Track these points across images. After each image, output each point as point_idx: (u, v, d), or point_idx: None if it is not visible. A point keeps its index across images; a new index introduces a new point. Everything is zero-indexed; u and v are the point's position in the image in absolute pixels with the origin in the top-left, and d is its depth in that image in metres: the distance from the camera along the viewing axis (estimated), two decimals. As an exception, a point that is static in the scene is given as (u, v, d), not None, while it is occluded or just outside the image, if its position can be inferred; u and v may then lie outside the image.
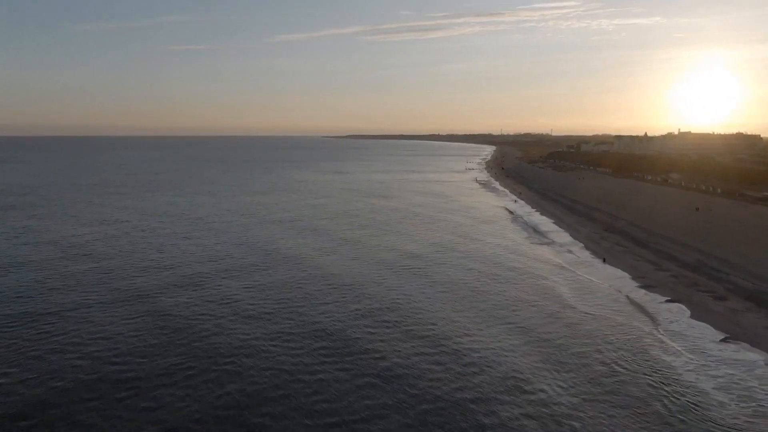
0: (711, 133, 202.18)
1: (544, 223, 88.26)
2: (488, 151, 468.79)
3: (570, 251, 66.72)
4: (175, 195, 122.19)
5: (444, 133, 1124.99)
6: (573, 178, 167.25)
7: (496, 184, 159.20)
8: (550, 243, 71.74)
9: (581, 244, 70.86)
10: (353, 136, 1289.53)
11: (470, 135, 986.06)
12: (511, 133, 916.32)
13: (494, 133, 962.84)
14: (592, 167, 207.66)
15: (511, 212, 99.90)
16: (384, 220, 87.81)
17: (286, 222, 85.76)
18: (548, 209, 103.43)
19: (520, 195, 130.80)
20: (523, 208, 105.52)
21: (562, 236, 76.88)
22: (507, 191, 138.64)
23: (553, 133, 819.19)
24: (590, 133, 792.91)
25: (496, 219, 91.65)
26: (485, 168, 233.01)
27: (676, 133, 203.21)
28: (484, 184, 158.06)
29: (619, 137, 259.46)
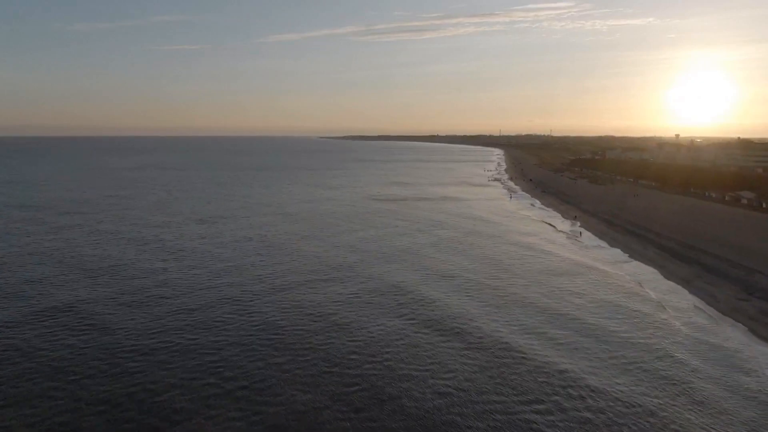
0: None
1: (651, 278, 65.42)
2: (497, 154, 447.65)
3: (744, 345, 43.93)
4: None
5: (443, 134, 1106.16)
6: (623, 195, 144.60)
7: (537, 203, 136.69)
8: (691, 325, 48.70)
9: (743, 327, 48.16)
10: (351, 136, 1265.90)
11: (470, 136, 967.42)
12: (512, 134, 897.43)
13: (494, 134, 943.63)
14: (632, 179, 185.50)
15: (592, 255, 77.30)
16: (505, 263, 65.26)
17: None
18: (634, 248, 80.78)
19: (575, 219, 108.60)
20: (601, 247, 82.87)
21: (695, 306, 54.18)
22: (559, 215, 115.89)
23: (553, 134, 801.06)
24: (590, 134, 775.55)
25: (586, 270, 68.53)
26: (509, 179, 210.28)
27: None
28: (524, 203, 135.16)
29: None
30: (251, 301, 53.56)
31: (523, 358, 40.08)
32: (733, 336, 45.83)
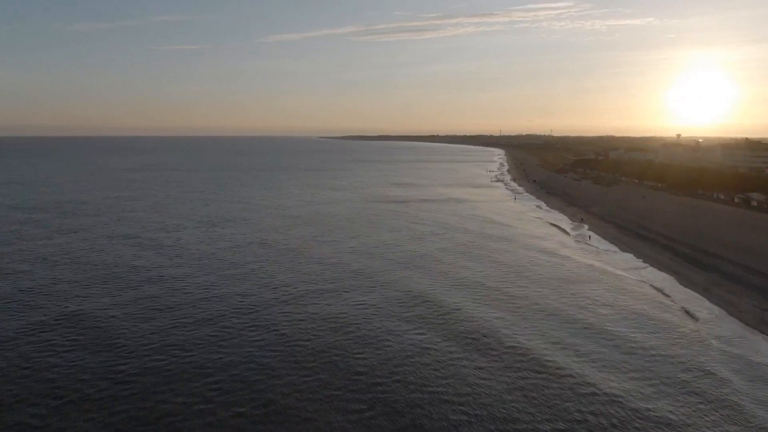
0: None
1: (668, 286, 63.18)
2: (498, 154, 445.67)
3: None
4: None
5: (443, 134, 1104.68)
6: (629, 197, 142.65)
7: (543, 204, 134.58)
8: (721, 338, 46.04)
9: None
10: (351, 137, 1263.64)
11: (470, 136, 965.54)
12: (513, 134, 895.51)
13: (494, 134, 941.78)
14: (637, 180, 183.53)
15: (605, 260, 75.05)
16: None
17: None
18: (646, 252, 78.58)
19: (582, 222, 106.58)
20: (612, 251, 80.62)
21: (717, 316, 52.08)
22: (566, 217, 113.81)
23: (554, 134, 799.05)
24: (590, 134, 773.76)
25: (602, 277, 66.34)
26: (512, 179, 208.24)
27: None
28: (530, 205, 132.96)
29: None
30: (258, 312, 51.39)
31: (553, 376, 37.70)
32: (763, 350, 43.76)
